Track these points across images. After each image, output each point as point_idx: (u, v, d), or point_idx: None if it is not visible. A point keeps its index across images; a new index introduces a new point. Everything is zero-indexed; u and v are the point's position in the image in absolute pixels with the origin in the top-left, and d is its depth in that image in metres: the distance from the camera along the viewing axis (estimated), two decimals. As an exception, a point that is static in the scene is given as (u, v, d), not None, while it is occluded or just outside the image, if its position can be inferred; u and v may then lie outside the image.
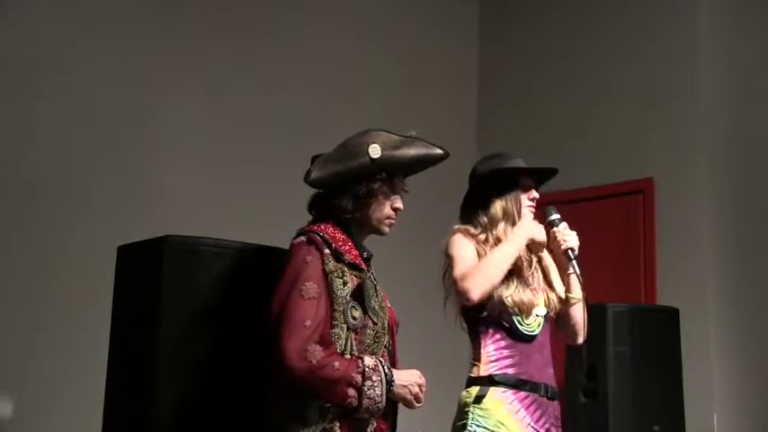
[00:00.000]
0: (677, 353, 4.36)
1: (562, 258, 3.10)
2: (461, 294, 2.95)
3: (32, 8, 4.49)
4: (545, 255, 3.15)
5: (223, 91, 5.06)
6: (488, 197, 3.10)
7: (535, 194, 3.14)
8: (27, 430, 4.12)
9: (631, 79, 5.52)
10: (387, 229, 2.75)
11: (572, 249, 3.06)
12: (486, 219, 3.09)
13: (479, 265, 2.97)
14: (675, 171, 5.26)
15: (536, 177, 3.16)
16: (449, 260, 3.04)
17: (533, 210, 3.13)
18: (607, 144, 5.57)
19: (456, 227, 3.12)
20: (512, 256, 3.00)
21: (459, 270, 2.98)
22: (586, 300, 3.09)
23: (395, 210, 2.74)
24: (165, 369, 2.68)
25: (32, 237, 4.34)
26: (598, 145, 5.59)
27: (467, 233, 3.08)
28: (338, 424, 2.51)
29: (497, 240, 3.05)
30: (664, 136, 5.34)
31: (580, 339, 3.16)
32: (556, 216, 3.13)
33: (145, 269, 2.85)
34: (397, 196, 2.75)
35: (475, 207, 3.12)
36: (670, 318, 4.40)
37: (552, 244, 3.11)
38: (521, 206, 3.10)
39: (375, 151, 2.65)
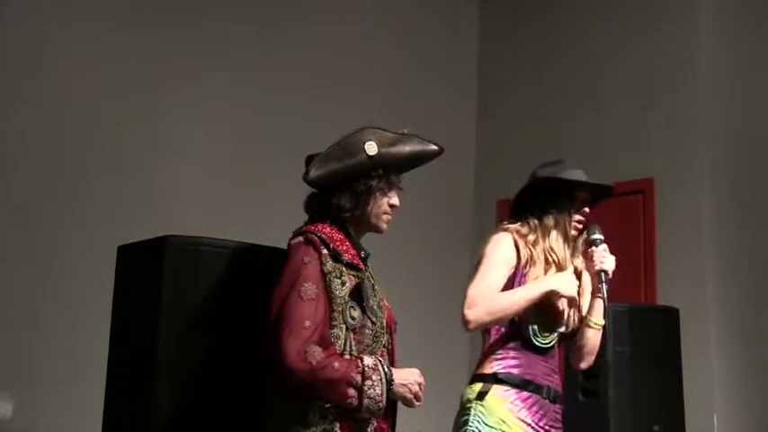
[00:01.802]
0: (677, 353, 4.35)
1: (594, 279, 3.08)
2: (462, 318, 2.93)
3: (32, 8, 4.49)
4: (584, 275, 3.13)
5: (223, 91, 5.06)
6: (543, 204, 3.07)
7: (586, 210, 3.12)
8: (27, 430, 4.12)
9: (631, 79, 5.52)
10: (384, 226, 2.75)
11: (606, 272, 3.02)
12: (537, 223, 3.07)
13: (493, 299, 2.93)
14: (675, 171, 5.26)
15: (591, 193, 3.15)
16: (479, 260, 3.01)
17: (580, 226, 3.11)
18: (607, 144, 5.57)
19: (507, 225, 3.09)
20: (528, 302, 2.94)
21: (474, 289, 2.94)
22: (605, 329, 3.07)
23: (392, 206, 2.74)
24: (164, 369, 2.68)
25: (32, 237, 4.34)
26: (598, 145, 5.59)
27: (517, 233, 3.05)
28: (338, 425, 2.51)
29: (550, 249, 3.04)
30: (664, 136, 5.34)
31: (584, 365, 3.13)
32: (598, 236, 3.09)
33: (145, 269, 2.85)
34: (394, 193, 2.75)
35: (529, 210, 3.10)
36: (670, 318, 4.39)
37: (588, 263, 3.10)
38: (571, 220, 3.09)
39: (371, 148, 2.66)
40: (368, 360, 2.54)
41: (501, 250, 3.01)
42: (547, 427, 2.99)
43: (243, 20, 5.20)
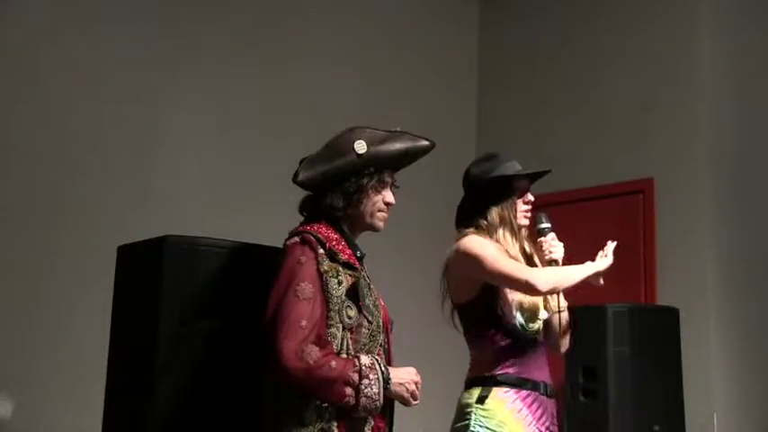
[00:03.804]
0: (677, 353, 4.36)
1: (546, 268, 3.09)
2: (528, 288, 2.91)
3: (33, 8, 4.49)
4: (536, 261, 3.14)
5: (223, 91, 5.06)
6: (485, 204, 3.09)
7: (530, 198, 3.13)
8: (27, 430, 4.11)
9: (631, 79, 5.52)
10: (380, 224, 2.75)
11: (556, 262, 3.04)
12: (485, 223, 3.09)
13: (556, 272, 2.97)
14: (675, 171, 5.26)
15: (530, 179, 3.16)
16: (475, 260, 2.98)
17: (528, 215, 3.13)
18: (607, 144, 5.57)
19: (466, 230, 3.10)
20: (581, 278, 2.98)
21: (509, 266, 2.94)
22: (582, 309, 3.08)
23: (386, 204, 2.75)
24: (164, 369, 2.68)
25: (33, 237, 4.34)
26: (598, 145, 5.59)
27: (479, 233, 3.07)
28: (336, 424, 2.52)
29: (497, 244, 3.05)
30: (664, 136, 5.33)
31: (563, 349, 3.15)
32: (546, 225, 3.11)
33: (145, 269, 2.85)
34: (388, 191, 2.75)
35: (472, 213, 3.12)
36: (670, 318, 4.40)
37: (538, 253, 3.11)
38: (516, 212, 3.10)
39: (361, 147, 2.66)
40: (365, 359, 2.54)
41: (488, 244, 3.00)
42: (547, 423, 3.01)
43: (244, 19, 5.20)
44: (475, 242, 3.03)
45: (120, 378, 2.86)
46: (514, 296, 3.00)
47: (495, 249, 3.00)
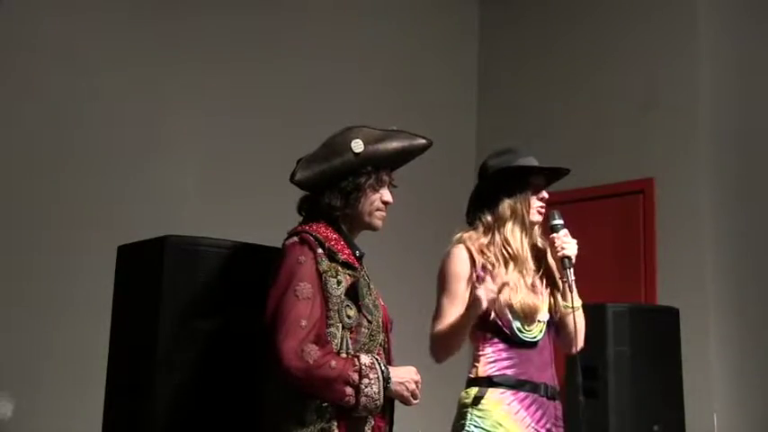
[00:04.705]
0: (677, 353, 4.35)
1: (558, 265, 3.07)
2: (430, 354, 3.01)
3: (34, 8, 4.49)
4: (550, 258, 3.13)
5: (223, 92, 5.06)
6: (497, 195, 3.06)
7: (545, 195, 3.10)
8: (27, 430, 4.12)
9: (631, 79, 5.52)
10: (378, 223, 2.75)
11: (569, 258, 3.01)
12: (491, 218, 3.06)
13: (438, 338, 2.97)
14: (675, 171, 5.26)
15: (546, 176, 3.14)
16: (438, 283, 3.03)
17: (542, 211, 3.10)
18: (607, 144, 5.57)
19: (458, 235, 3.08)
20: (466, 321, 2.92)
21: (434, 324, 2.99)
22: (582, 309, 3.06)
23: (384, 203, 2.74)
24: (164, 368, 2.69)
25: (33, 237, 4.34)
26: (598, 145, 5.59)
27: (470, 241, 3.04)
28: (336, 423, 2.51)
29: (505, 241, 3.03)
30: (664, 136, 5.33)
31: (573, 349, 3.11)
32: (558, 222, 3.07)
33: (145, 269, 2.85)
34: (386, 190, 2.74)
35: (482, 205, 3.09)
36: (670, 318, 4.39)
37: (551, 250, 3.08)
38: (530, 207, 3.06)
39: (358, 146, 2.66)
40: (365, 358, 2.54)
41: (453, 269, 3.01)
42: (548, 426, 2.99)
43: (242, 20, 5.20)
44: (447, 259, 3.03)
45: (120, 378, 2.87)
46: (510, 296, 2.97)
47: (456, 281, 2.99)
